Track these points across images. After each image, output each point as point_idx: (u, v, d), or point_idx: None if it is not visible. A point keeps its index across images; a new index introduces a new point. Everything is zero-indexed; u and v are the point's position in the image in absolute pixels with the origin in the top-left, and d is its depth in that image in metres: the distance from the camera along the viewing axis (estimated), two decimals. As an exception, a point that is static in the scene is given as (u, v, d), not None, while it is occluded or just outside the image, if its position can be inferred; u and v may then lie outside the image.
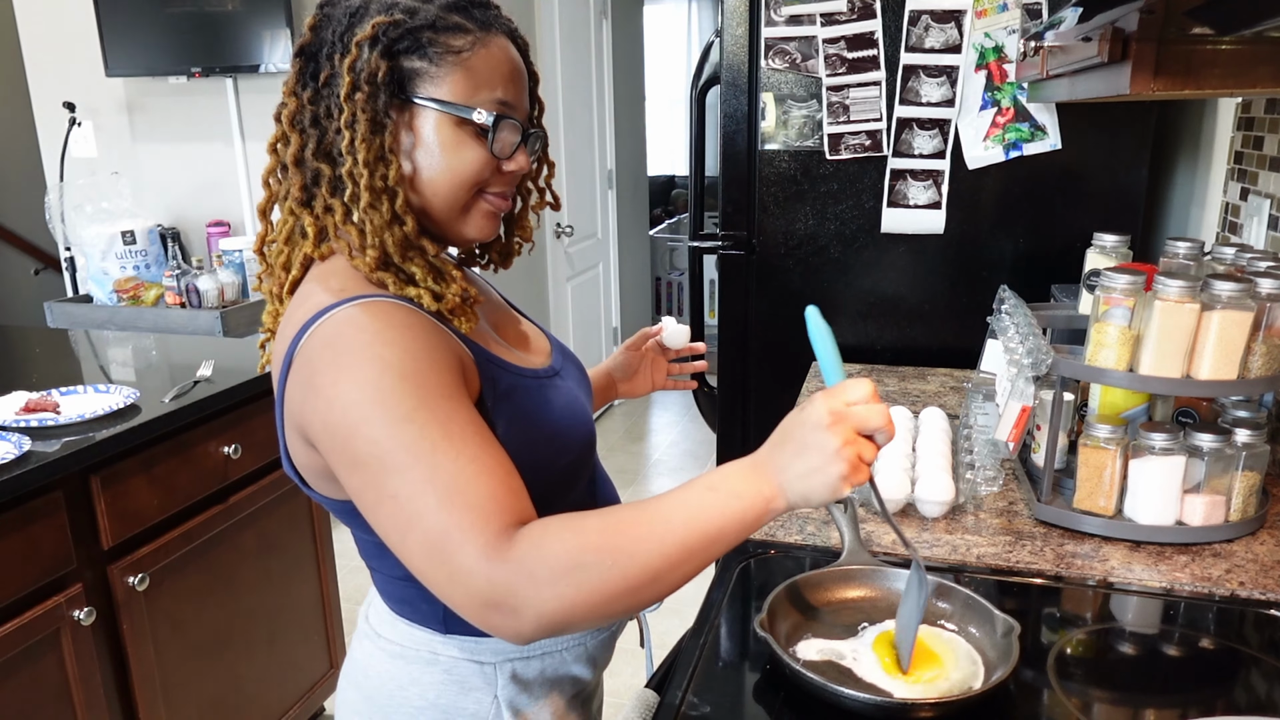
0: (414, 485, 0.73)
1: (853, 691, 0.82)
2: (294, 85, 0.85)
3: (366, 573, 0.98)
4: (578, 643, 0.97)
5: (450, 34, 0.82)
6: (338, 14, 0.84)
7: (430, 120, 0.83)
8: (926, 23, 1.84)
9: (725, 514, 0.74)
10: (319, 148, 0.84)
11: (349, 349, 0.76)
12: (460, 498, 0.72)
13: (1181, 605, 1.05)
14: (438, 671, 0.93)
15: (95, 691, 1.58)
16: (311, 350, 0.78)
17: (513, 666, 0.93)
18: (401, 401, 0.74)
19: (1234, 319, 1.07)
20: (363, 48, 0.80)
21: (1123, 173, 1.86)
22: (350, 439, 0.75)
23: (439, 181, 0.84)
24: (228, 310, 3.02)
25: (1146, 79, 0.97)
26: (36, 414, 1.61)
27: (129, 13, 3.12)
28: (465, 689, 0.92)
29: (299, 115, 0.85)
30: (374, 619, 0.98)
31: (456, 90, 0.83)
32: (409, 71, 0.82)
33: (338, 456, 0.77)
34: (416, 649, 0.93)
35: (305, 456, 0.84)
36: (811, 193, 2.00)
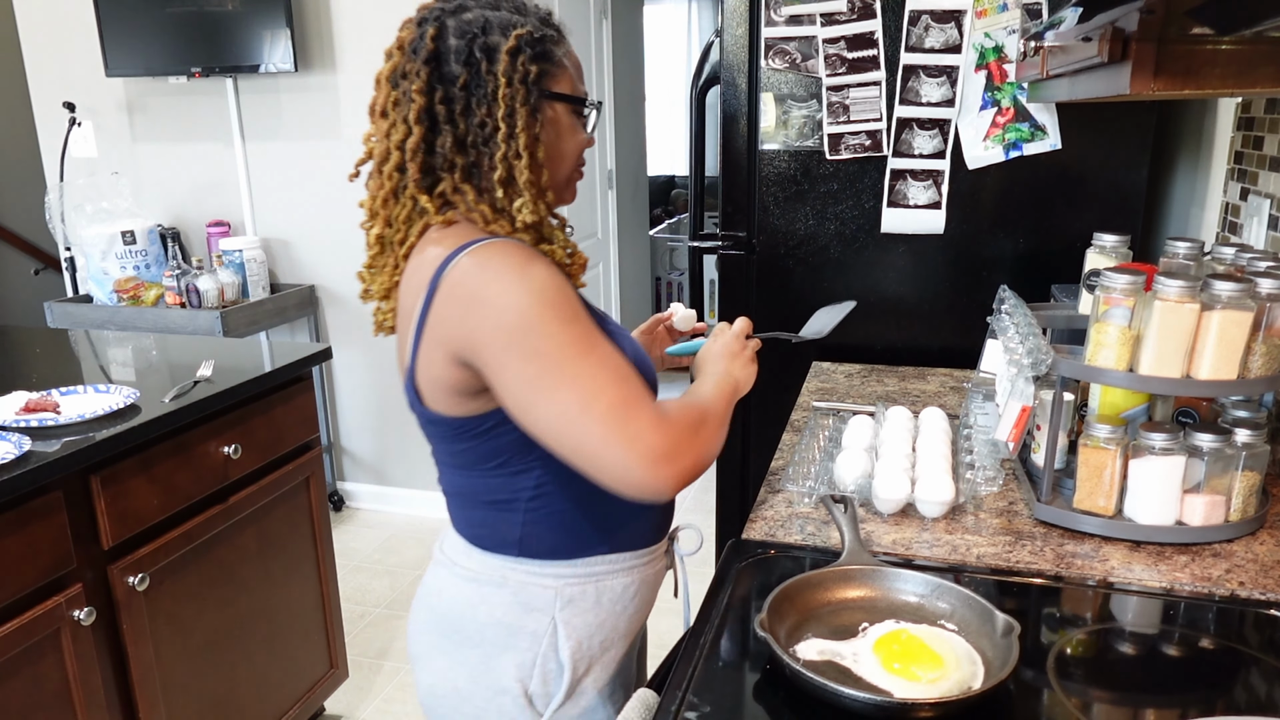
0: (594, 367, 0.90)
1: (853, 691, 0.82)
2: (423, 86, 0.98)
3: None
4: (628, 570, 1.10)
5: (554, 42, 1.00)
6: (463, 27, 0.98)
7: (558, 111, 1.01)
8: (926, 23, 1.84)
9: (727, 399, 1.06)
10: (455, 140, 0.98)
11: (506, 268, 0.92)
12: (628, 379, 0.92)
13: (1181, 605, 1.05)
14: (506, 593, 1.06)
15: (95, 691, 1.58)
16: (464, 274, 0.92)
17: (571, 591, 1.07)
18: (563, 305, 0.92)
19: (1234, 319, 1.07)
20: (514, 54, 0.96)
21: (1123, 173, 1.86)
22: (528, 335, 0.90)
23: (559, 161, 1.04)
24: (228, 310, 3.02)
25: (1146, 79, 0.97)
26: (36, 414, 1.61)
27: (129, 13, 3.12)
28: (528, 609, 1.06)
29: (430, 112, 0.98)
30: (449, 549, 1.12)
31: (568, 85, 1.02)
32: (542, 73, 0.99)
33: (511, 352, 0.90)
34: (489, 573, 1.07)
35: (449, 374, 0.96)
36: (811, 193, 2.00)
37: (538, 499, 1.03)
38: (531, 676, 1.07)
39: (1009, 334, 1.33)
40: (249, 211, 3.40)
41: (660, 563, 1.17)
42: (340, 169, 3.25)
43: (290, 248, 3.42)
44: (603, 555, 1.08)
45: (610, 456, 0.89)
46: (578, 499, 1.04)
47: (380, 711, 2.40)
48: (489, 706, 1.08)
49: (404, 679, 2.54)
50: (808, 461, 1.38)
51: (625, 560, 1.10)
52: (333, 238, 3.35)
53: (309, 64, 3.18)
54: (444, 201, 1.00)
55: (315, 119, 3.23)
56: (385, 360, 3.44)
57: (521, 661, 1.07)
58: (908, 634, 0.92)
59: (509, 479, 1.03)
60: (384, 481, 3.59)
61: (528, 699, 1.07)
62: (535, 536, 1.05)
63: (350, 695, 2.45)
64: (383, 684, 2.51)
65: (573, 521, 1.05)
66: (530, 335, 0.90)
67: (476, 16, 0.98)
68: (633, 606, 1.12)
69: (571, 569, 1.07)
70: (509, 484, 1.03)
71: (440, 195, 1.00)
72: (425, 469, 3.50)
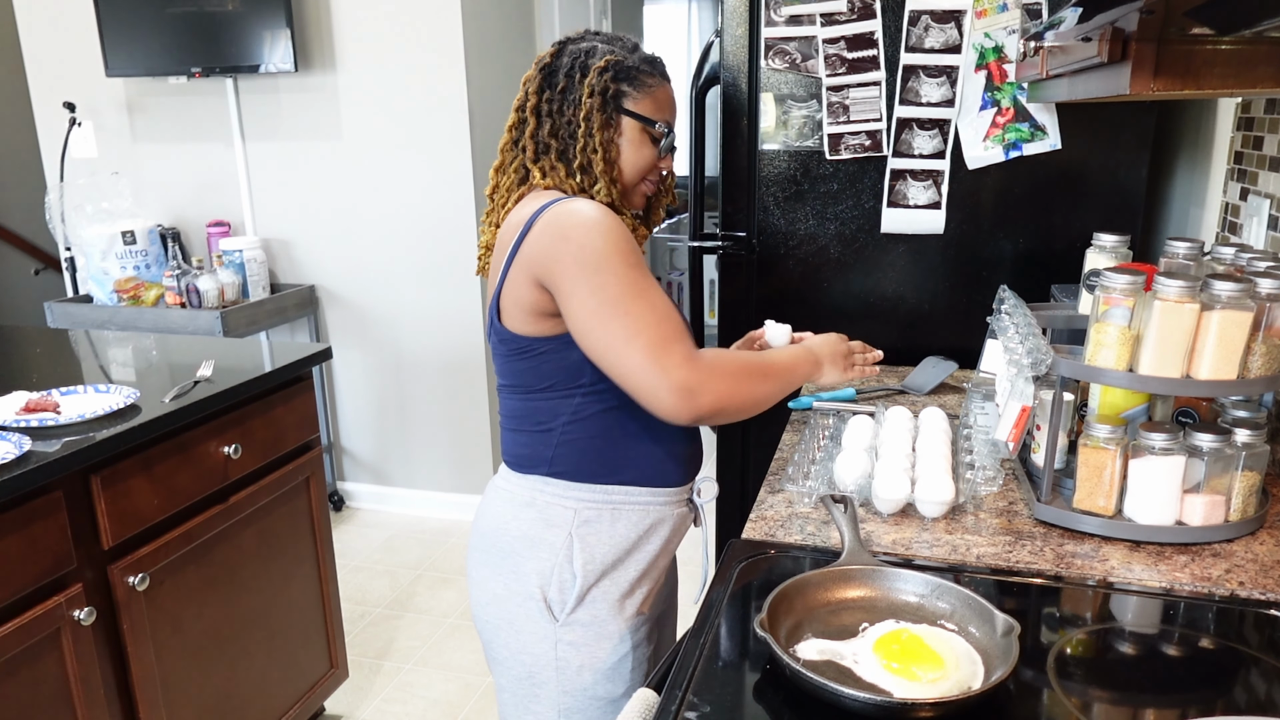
0: (644, 306, 1.11)
1: (853, 691, 0.82)
2: (536, 89, 1.25)
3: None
4: (644, 506, 1.27)
5: (646, 75, 1.25)
6: (574, 50, 1.24)
7: (630, 126, 1.25)
8: (926, 23, 1.84)
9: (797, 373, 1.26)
10: (553, 129, 1.24)
11: (591, 217, 1.14)
12: (671, 322, 1.12)
13: (1181, 605, 1.05)
14: (533, 511, 1.26)
15: (95, 691, 1.58)
16: (557, 215, 1.14)
17: (588, 512, 1.25)
18: (629, 255, 1.13)
19: (1234, 319, 1.07)
20: (601, 73, 1.22)
21: (1123, 173, 1.86)
22: (599, 270, 1.11)
23: (627, 165, 1.26)
24: (228, 310, 3.02)
25: (1146, 79, 0.97)
26: (37, 414, 1.61)
27: (129, 13, 3.12)
28: (549, 525, 1.25)
29: (537, 107, 1.24)
30: (498, 478, 1.33)
31: (647, 109, 1.25)
32: (622, 92, 1.24)
33: (583, 282, 1.11)
34: (521, 494, 1.27)
35: (529, 295, 1.17)
36: (811, 193, 2.00)
37: (573, 424, 1.23)
38: (550, 584, 1.24)
39: (1009, 334, 1.33)
40: (249, 211, 3.40)
41: (679, 507, 1.32)
42: (340, 169, 3.25)
43: (290, 248, 3.42)
44: (622, 485, 1.25)
45: (645, 381, 1.09)
46: (607, 430, 1.23)
47: (380, 711, 2.40)
48: (520, 611, 1.26)
49: (404, 679, 2.54)
50: (808, 461, 1.39)
51: (642, 494, 1.27)
52: (333, 238, 3.35)
53: (309, 64, 3.18)
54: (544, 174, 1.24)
55: (315, 119, 3.23)
56: (385, 360, 3.44)
57: (541, 569, 1.24)
58: (908, 634, 0.92)
59: (554, 402, 1.23)
60: (384, 481, 3.59)
61: (546, 605, 1.24)
62: (564, 458, 1.24)
63: (350, 695, 2.45)
64: (383, 684, 2.51)
65: (599, 450, 1.24)
66: (599, 272, 1.10)
67: (589, 46, 1.25)
68: (647, 537, 1.28)
69: (590, 493, 1.24)
70: (552, 407, 1.23)
71: (542, 168, 1.24)
72: (425, 469, 3.50)
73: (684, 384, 1.09)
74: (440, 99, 3.10)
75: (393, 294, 3.35)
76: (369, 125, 3.19)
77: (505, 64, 3.33)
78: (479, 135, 3.17)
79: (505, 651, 1.29)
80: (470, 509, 3.48)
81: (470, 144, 3.13)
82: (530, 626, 1.26)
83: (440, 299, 3.30)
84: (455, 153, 3.14)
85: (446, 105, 3.10)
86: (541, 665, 1.27)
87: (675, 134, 1.31)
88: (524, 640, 1.27)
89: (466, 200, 3.17)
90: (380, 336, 3.42)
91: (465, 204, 3.18)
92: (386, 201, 3.25)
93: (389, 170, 3.21)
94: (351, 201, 3.28)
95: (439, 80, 3.09)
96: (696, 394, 1.09)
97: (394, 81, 3.13)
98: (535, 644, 1.26)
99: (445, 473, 3.49)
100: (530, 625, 1.26)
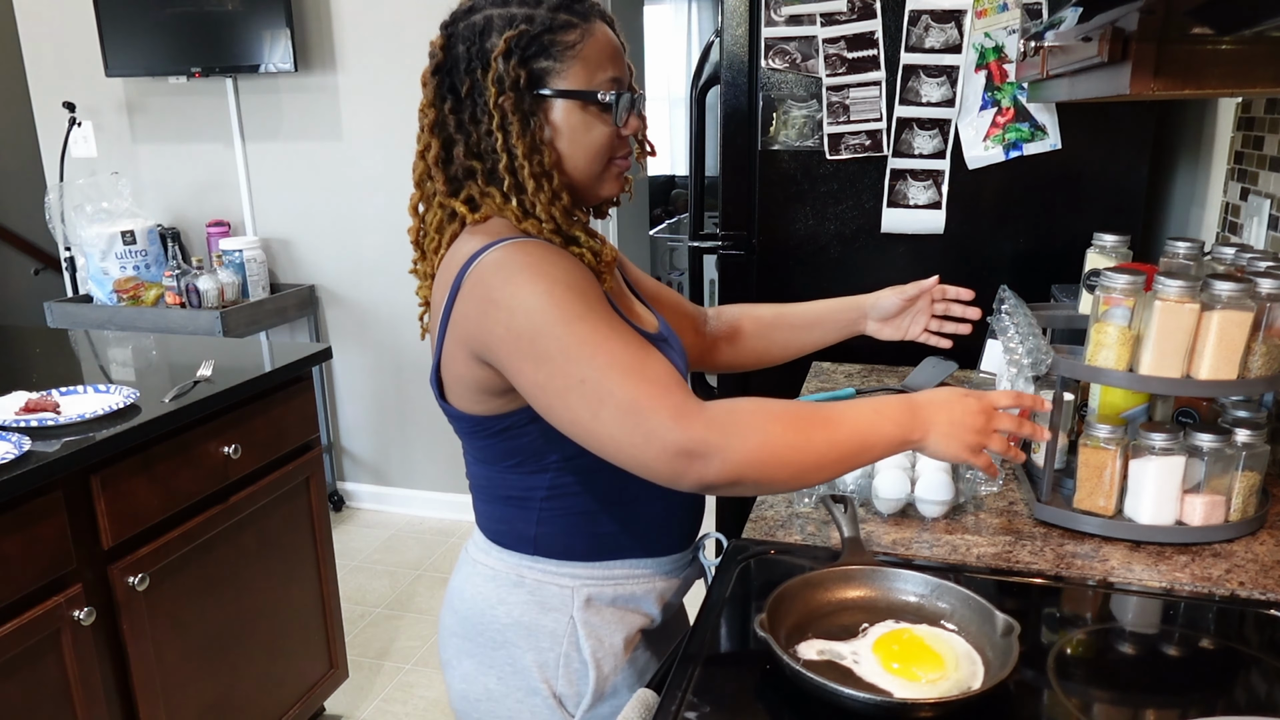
0: (600, 369, 0.87)
1: (853, 691, 0.82)
2: (433, 99, 0.99)
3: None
4: (649, 578, 1.10)
5: (563, 31, 0.95)
6: (462, 32, 0.97)
7: (563, 109, 0.97)
8: (926, 23, 1.84)
9: (882, 434, 0.92)
10: (468, 148, 0.98)
11: (521, 268, 0.91)
12: (641, 374, 0.87)
13: (1181, 605, 1.04)
14: (523, 592, 1.07)
15: (95, 691, 1.58)
16: (483, 273, 0.92)
17: (588, 591, 1.07)
18: (574, 305, 0.89)
19: (1234, 319, 1.07)
20: (500, 60, 0.94)
21: (1123, 173, 1.86)
22: (536, 338, 0.89)
23: (579, 157, 0.99)
24: (228, 310, 3.02)
25: (1146, 79, 0.97)
26: (36, 414, 1.61)
27: (129, 13, 3.12)
28: (545, 609, 1.06)
29: (441, 124, 0.98)
30: (472, 549, 1.13)
31: (578, 79, 0.96)
32: (539, 71, 0.96)
33: (523, 357, 0.90)
34: (506, 572, 1.08)
35: (470, 372, 0.97)
36: (811, 193, 2.00)
37: (551, 499, 1.04)
38: (557, 677, 1.06)
39: (1009, 334, 1.33)
40: (249, 211, 3.40)
41: (684, 570, 1.16)
42: (340, 169, 3.25)
43: (290, 248, 3.42)
44: (621, 560, 1.08)
45: (630, 456, 0.87)
46: (595, 503, 1.05)
47: (380, 711, 2.40)
48: (521, 709, 1.07)
49: (404, 679, 2.54)
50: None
51: (645, 566, 1.10)
52: (333, 238, 3.35)
53: (309, 64, 3.18)
54: (474, 205, 0.99)
55: (315, 119, 3.23)
56: (385, 360, 3.44)
57: (544, 662, 1.06)
58: (908, 634, 0.92)
59: (525, 477, 1.04)
60: (384, 481, 3.59)
61: (557, 700, 1.07)
62: (550, 536, 1.06)
63: (350, 695, 2.45)
64: (383, 684, 2.51)
65: (589, 524, 1.06)
66: (538, 339, 0.89)
67: (481, 19, 0.96)
68: (656, 608, 1.12)
69: (588, 570, 1.07)
70: (525, 481, 1.05)
71: (468, 200, 0.99)
72: (425, 469, 3.50)
73: (678, 447, 0.85)
74: (440, 99, 3.10)
75: (393, 294, 3.35)
76: (369, 125, 3.19)
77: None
78: (479, 135, 3.16)
79: None
80: (470, 509, 3.48)
81: (470, 144, 3.12)
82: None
83: (440, 299, 3.30)
84: (455, 153, 3.14)
85: (446, 105, 3.10)
86: None
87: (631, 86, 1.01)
88: None
89: (466, 200, 3.17)
90: (380, 336, 3.42)
91: (465, 204, 3.18)
92: (386, 201, 3.24)
93: (389, 170, 3.21)
94: (351, 201, 3.28)
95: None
96: (697, 456, 0.85)
97: (394, 81, 3.13)
98: None
99: (445, 473, 3.48)
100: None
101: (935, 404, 0.95)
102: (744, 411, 0.88)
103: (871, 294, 1.39)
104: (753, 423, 0.87)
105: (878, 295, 1.38)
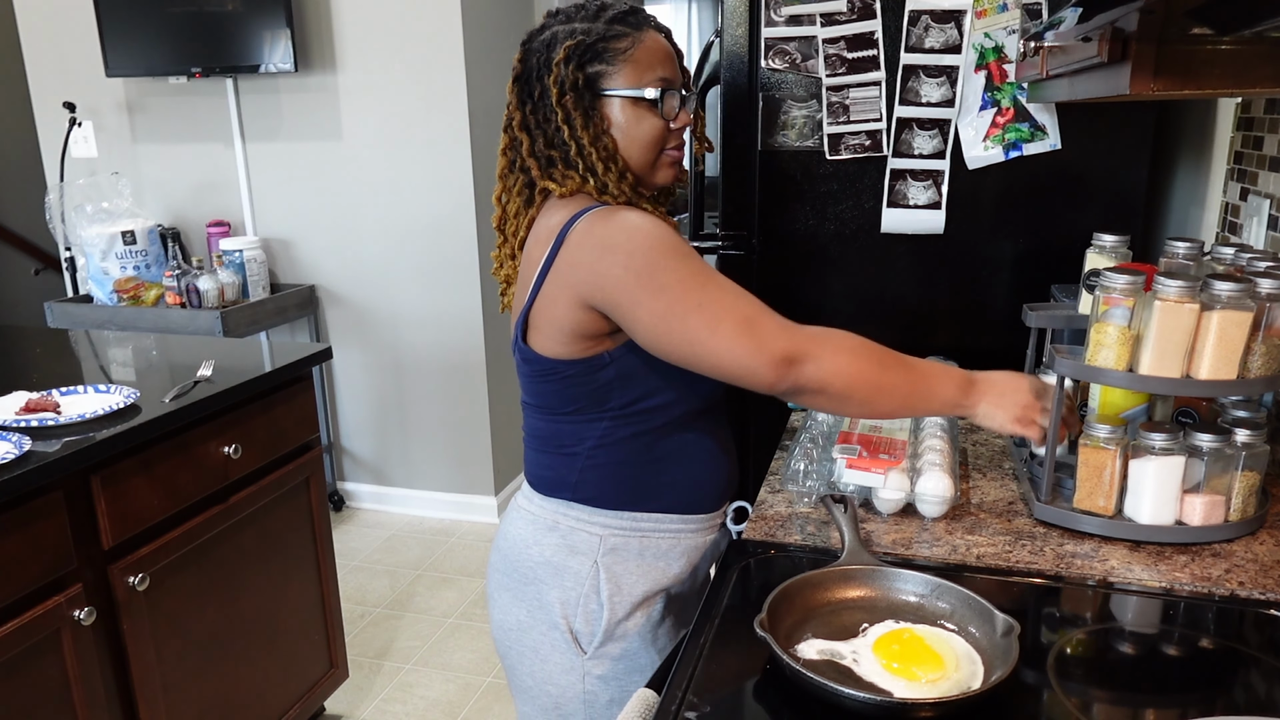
0: (716, 293, 1.04)
1: (853, 691, 0.82)
2: (516, 104, 1.15)
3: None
4: (675, 534, 1.20)
5: (615, 40, 1.12)
6: (536, 47, 1.13)
7: (616, 106, 1.12)
8: (926, 23, 1.84)
9: (943, 390, 1.10)
10: (546, 141, 1.13)
11: (629, 221, 1.06)
12: (746, 297, 1.05)
13: (1181, 605, 1.05)
14: (556, 536, 1.19)
15: (95, 691, 1.58)
16: (591, 226, 1.07)
17: (615, 540, 1.18)
18: (679, 245, 1.05)
19: (1234, 319, 1.07)
20: (561, 65, 1.10)
21: (1123, 173, 1.86)
22: (655, 273, 1.03)
23: (632, 147, 1.13)
24: (228, 310, 3.02)
25: (1146, 79, 0.97)
26: (37, 414, 1.61)
27: (129, 13, 3.12)
28: (574, 552, 1.18)
29: (523, 123, 1.14)
30: (520, 496, 1.26)
31: (629, 80, 1.12)
32: (594, 74, 1.12)
33: (643, 289, 1.03)
34: (544, 516, 1.21)
35: (571, 316, 1.09)
36: (811, 193, 2.00)
37: (599, 449, 1.16)
38: (575, 614, 1.18)
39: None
40: (249, 211, 3.40)
41: (712, 533, 1.25)
42: (340, 169, 3.25)
43: (290, 248, 3.42)
44: (650, 513, 1.18)
45: (742, 364, 1.02)
46: (635, 456, 1.16)
47: (380, 711, 2.40)
48: (544, 640, 1.20)
49: (404, 679, 2.54)
50: (808, 461, 1.38)
51: (673, 522, 1.20)
52: (333, 238, 3.35)
53: (309, 64, 3.18)
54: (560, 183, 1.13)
55: (315, 119, 3.23)
56: (385, 360, 3.44)
57: (566, 599, 1.18)
58: (908, 634, 0.92)
59: (579, 426, 1.16)
60: (384, 481, 3.59)
61: (573, 636, 1.18)
62: (589, 483, 1.17)
63: (350, 695, 2.45)
64: (383, 684, 2.51)
65: (626, 476, 1.17)
66: (656, 273, 1.03)
67: (549, 35, 1.13)
68: (678, 565, 1.21)
69: (618, 520, 1.18)
70: (578, 430, 1.16)
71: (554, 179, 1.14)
72: (425, 469, 3.50)
73: (784, 353, 1.02)
74: (440, 99, 3.10)
75: (393, 294, 3.35)
76: (369, 125, 3.19)
77: (505, 64, 3.33)
78: (479, 135, 3.17)
79: (530, 680, 1.23)
80: (470, 509, 3.48)
81: (470, 144, 3.13)
82: (556, 657, 1.20)
83: (440, 299, 3.30)
84: (455, 153, 3.14)
85: (446, 105, 3.10)
86: (569, 698, 1.20)
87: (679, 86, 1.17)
88: (549, 670, 1.20)
89: (467, 200, 3.17)
90: (380, 336, 3.42)
91: (465, 204, 3.18)
92: (386, 201, 3.25)
93: (389, 170, 3.21)
94: (351, 201, 3.28)
95: (439, 80, 3.09)
96: (797, 361, 1.02)
97: (394, 81, 3.13)
98: (561, 675, 1.20)
99: (445, 473, 3.48)
100: (556, 656, 1.20)
101: (991, 379, 1.13)
102: (839, 335, 1.06)
103: None
104: (845, 344, 1.05)
105: None
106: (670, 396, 1.15)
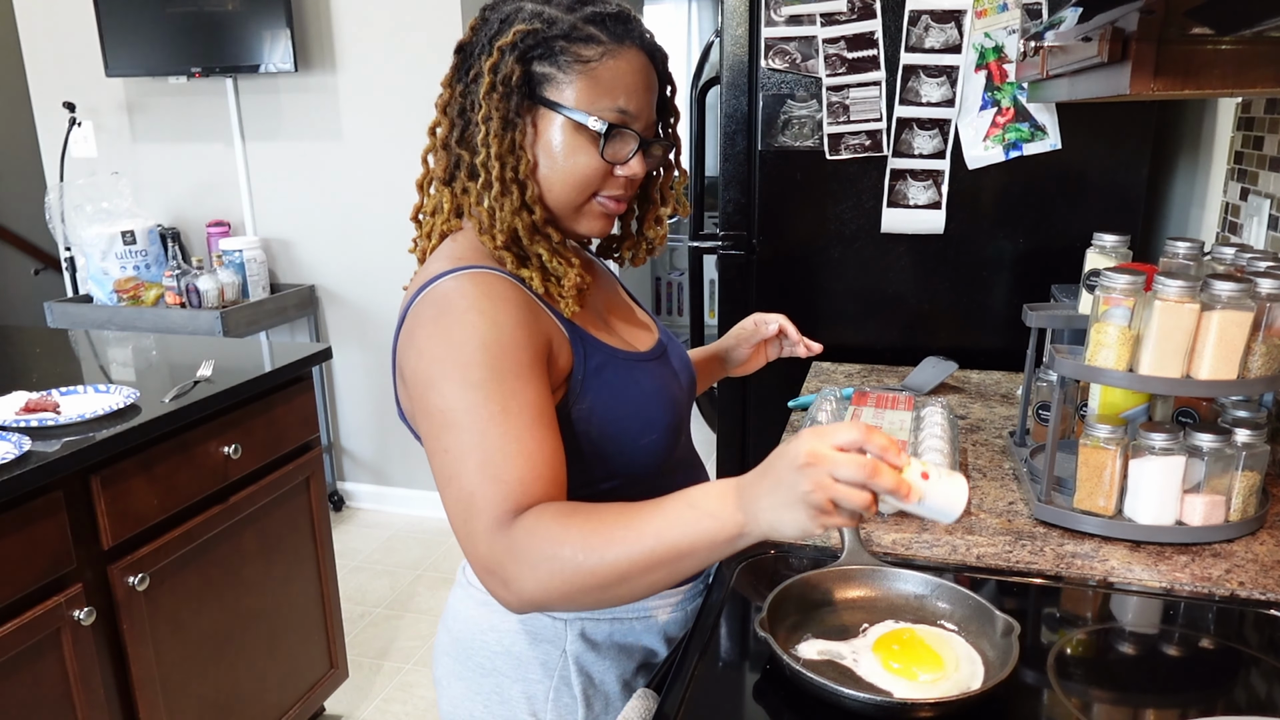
0: (463, 446, 0.83)
1: (853, 691, 0.82)
2: (450, 78, 0.95)
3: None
4: (648, 614, 1.04)
5: (581, 44, 0.89)
6: (493, 18, 0.92)
7: (553, 122, 0.91)
8: (926, 23, 1.84)
9: (697, 532, 0.77)
10: (462, 136, 0.94)
11: (446, 311, 0.87)
12: (493, 470, 0.82)
13: (1181, 605, 1.05)
14: (514, 622, 1.01)
15: (95, 691, 1.58)
16: (420, 307, 0.89)
17: (582, 625, 1.01)
18: (476, 369, 0.84)
19: (1234, 319, 1.07)
20: (503, 51, 0.89)
21: (1123, 173, 1.86)
22: (427, 390, 0.86)
23: (554, 180, 0.92)
24: (228, 310, 3.02)
25: (1146, 79, 0.97)
26: (36, 414, 1.61)
27: (129, 13, 3.12)
28: (536, 640, 1.01)
29: (450, 104, 0.95)
30: (468, 571, 1.07)
31: (579, 97, 0.90)
32: (539, 76, 0.90)
33: (416, 401, 0.88)
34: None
35: (405, 397, 0.95)
36: (811, 193, 2.00)
37: None
38: (545, 710, 1.02)
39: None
40: (249, 211, 3.40)
41: (692, 603, 1.09)
42: (340, 169, 3.25)
43: (290, 248, 3.42)
44: None
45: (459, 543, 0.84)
46: None
47: (380, 711, 2.40)
48: None
49: (404, 679, 2.54)
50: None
51: (648, 601, 1.03)
52: (333, 238, 3.35)
53: (309, 64, 3.18)
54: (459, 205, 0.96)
55: (315, 119, 3.23)
56: (385, 360, 3.44)
57: (533, 694, 1.02)
58: (908, 634, 0.92)
59: None
60: (384, 481, 3.59)
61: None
62: None
63: (350, 695, 2.45)
64: (383, 684, 2.51)
65: None
66: (428, 392, 0.85)
67: (512, 8, 0.92)
68: (658, 644, 1.07)
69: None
70: None
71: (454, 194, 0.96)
72: (425, 469, 3.50)
73: (484, 563, 0.81)
74: (440, 99, 3.10)
75: (393, 294, 3.35)
76: (369, 125, 3.19)
77: (505, 64, 3.33)
78: (479, 135, 3.16)
79: None
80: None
81: (470, 144, 3.12)
82: None
83: (440, 299, 3.30)
84: (455, 153, 3.14)
85: (446, 105, 3.10)
86: None
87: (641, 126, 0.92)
88: None
89: (466, 200, 3.17)
90: (380, 336, 3.41)
91: (465, 204, 3.18)
92: (386, 201, 3.24)
93: (389, 170, 3.21)
94: (351, 201, 3.28)
95: (439, 80, 3.08)
96: (500, 583, 0.81)
97: (394, 81, 3.13)
98: None
99: (445, 473, 3.48)
100: None
101: (759, 472, 0.75)
102: (540, 535, 0.79)
103: (725, 341, 1.40)
104: (544, 550, 0.78)
105: (730, 345, 1.39)
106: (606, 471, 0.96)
